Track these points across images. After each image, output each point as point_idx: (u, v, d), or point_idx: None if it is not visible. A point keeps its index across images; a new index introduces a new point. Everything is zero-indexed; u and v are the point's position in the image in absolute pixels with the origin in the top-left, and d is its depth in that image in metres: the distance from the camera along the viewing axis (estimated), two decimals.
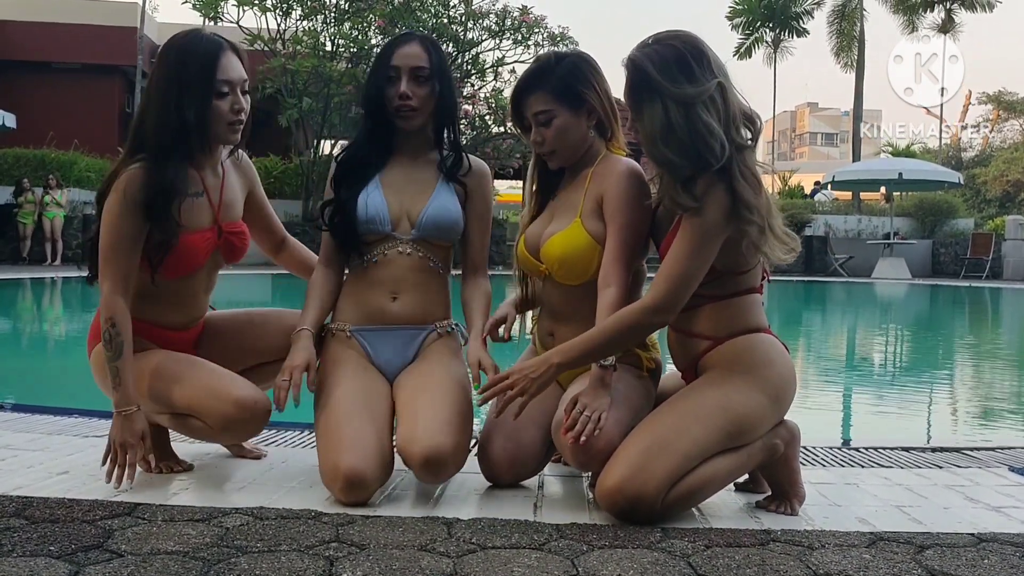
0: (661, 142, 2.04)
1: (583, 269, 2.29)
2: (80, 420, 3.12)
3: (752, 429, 2.10)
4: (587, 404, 2.07)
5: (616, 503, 2.00)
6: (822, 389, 5.69)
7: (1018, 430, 4.40)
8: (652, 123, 2.05)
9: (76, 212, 17.67)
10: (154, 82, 2.29)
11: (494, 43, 20.64)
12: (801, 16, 32.68)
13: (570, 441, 2.05)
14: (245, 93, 2.34)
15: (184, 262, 2.33)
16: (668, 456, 2.00)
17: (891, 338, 9.87)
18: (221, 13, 19.58)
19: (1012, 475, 2.58)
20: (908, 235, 22.41)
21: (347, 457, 2.09)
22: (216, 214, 2.40)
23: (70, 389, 5.13)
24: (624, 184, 2.26)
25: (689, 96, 2.02)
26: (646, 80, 2.05)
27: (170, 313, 2.43)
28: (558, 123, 2.31)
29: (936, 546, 1.89)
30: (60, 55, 23.89)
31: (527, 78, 2.36)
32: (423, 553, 1.76)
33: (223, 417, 2.19)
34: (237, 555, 1.72)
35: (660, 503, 1.99)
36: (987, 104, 44.16)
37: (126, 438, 2.19)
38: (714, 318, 2.18)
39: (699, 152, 2.02)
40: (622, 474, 1.99)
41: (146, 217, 2.24)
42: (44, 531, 1.83)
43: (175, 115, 2.23)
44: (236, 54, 2.33)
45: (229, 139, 2.36)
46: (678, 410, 2.10)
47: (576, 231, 2.29)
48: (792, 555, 1.81)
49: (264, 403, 2.23)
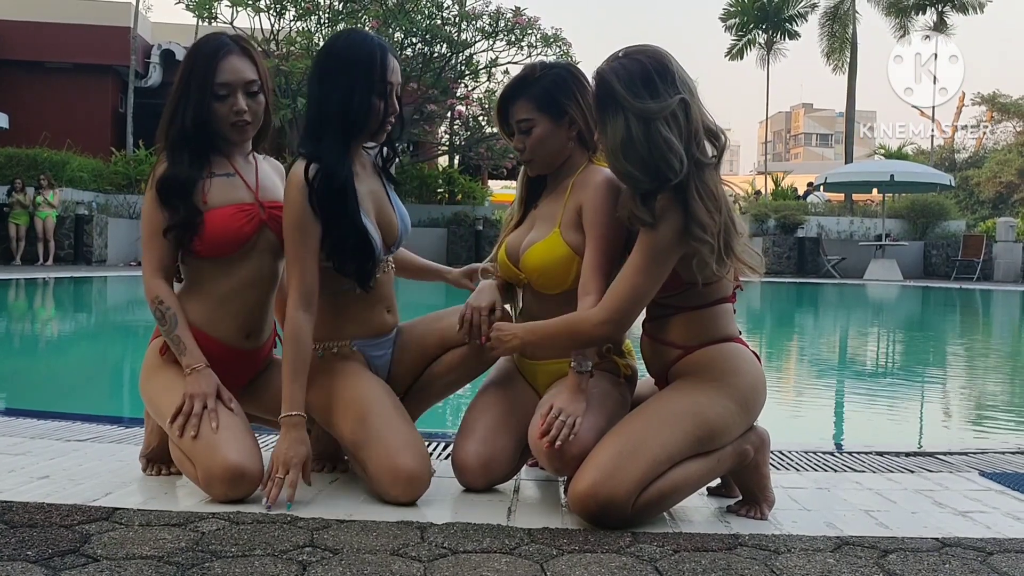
0: (622, 155, 2.07)
1: (561, 279, 2.32)
2: (63, 424, 3.15)
3: (721, 434, 2.14)
4: (563, 409, 2.11)
5: (588, 507, 2.03)
6: (801, 393, 5.72)
7: (991, 434, 4.44)
8: (614, 136, 2.08)
9: (68, 212, 17.64)
10: (174, 82, 2.41)
11: (487, 44, 20.68)
12: (794, 18, 32.78)
13: (545, 446, 2.09)
14: (253, 94, 2.38)
15: (225, 234, 2.34)
16: (638, 460, 2.03)
17: (877, 342, 9.90)
18: (215, 14, 19.58)
19: (982, 480, 2.62)
20: (900, 237, 22.51)
21: (407, 458, 2.19)
22: (255, 191, 2.43)
23: (56, 392, 5.15)
24: (602, 194, 2.28)
25: (650, 111, 2.04)
26: (610, 94, 2.08)
27: (231, 319, 2.40)
28: (537, 132, 2.35)
29: (899, 551, 1.92)
30: (53, 54, 23.87)
31: (511, 86, 2.41)
32: (395, 557, 1.79)
33: (208, 473, 2.16)
34: (211, 559, 1.75)
35: (631, 507, 2.02)
36: (981, 105, 44.29)
37: (201, 389, 2.25)
38: (685, 327, 2.21)
39: (658, 167, 2.05)
40: (593, 478, 2.02)
41: (163, 205, 2.33)
42: (22, 536, 1.86)
43: (180, 116, 2.36)
44: (247, 55, 2.39)
45: (234, 138, 2.41)
46: (648, 415, 2.13)
47: (555, 242, 2.32)
48: (758, 559, 1.84)
49: (253, 476, 2.17)
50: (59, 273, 14.56)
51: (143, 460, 2.49)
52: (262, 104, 2.42)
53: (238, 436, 2.22)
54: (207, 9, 19.38)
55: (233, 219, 2.35)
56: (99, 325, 9.77)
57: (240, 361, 2.46)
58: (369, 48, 2.28)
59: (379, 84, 2.28)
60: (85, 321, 10.28)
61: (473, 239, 21.45)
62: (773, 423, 2.33)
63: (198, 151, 2.37)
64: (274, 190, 2.48)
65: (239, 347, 2.44)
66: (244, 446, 2.20)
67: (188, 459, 2.22)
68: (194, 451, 2.19)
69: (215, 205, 2.36)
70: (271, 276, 2.46)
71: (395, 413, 2.30)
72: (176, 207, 2.33)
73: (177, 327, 2.32)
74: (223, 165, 2.42)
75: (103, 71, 24.59)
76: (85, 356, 7.04)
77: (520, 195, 2.54)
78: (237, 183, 2.42)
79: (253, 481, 2.18)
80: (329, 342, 2.40)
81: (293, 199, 2.25)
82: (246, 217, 2.37)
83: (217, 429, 2.20)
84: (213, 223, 2.33)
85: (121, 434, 3.01)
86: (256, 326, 2.47)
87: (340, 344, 2.41)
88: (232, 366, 2.42)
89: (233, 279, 2.39)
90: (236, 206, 2.38)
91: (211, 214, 2.34)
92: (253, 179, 2.46)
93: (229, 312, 2.41)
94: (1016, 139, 41.16)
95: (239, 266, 2.39)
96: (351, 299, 2.40)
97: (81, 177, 18.93)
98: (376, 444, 2.22)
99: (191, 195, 2.33)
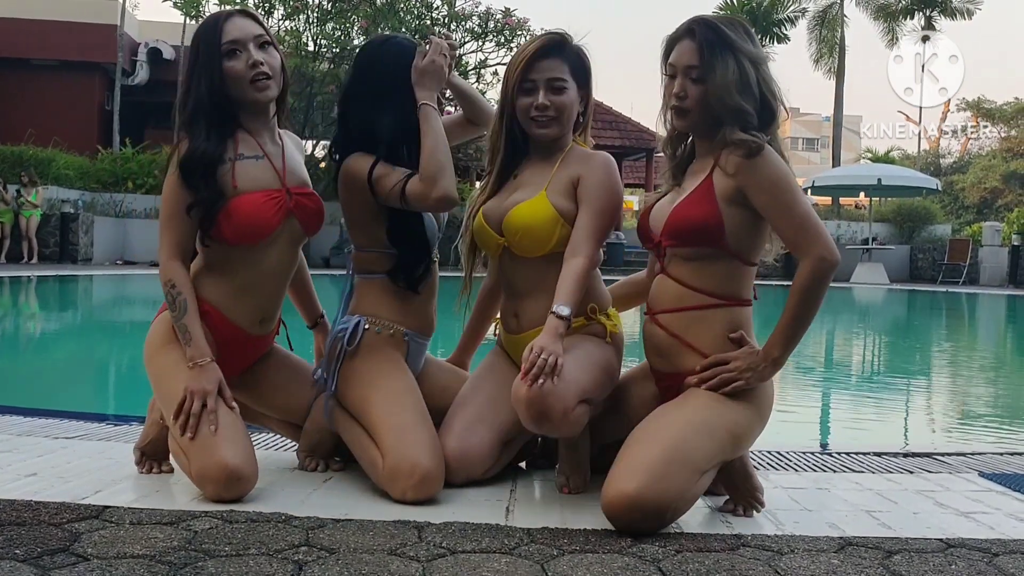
0: (737, 91, 2.13)
1: (544, 240, 2.34)
2: (51, 422, 3.09)
3: (743, 446, 2.16)
4: (543, 347, 2.07)
5: (632, 508, 1.93)
6: (797, 394, 5.71)
7: (989, 435, 4.44)
8: (726, 75, 2.13)
9: (54, 210, 17.48)
10: (185, 68, 2.39)
11: (477, 45, 20.66)
12: (783, 23, 32.82)
13: (529, 384, 2.04)
14: (264, 47, 2.33)
15: (253, 223, 2.30)
16: (686, 470, 2.00)
17: (867, 343, 9.94)
18: (202, 12, 19.48)
19: (982, 480, 2.60)
20: (886, 241, 22.59)
21: (428, 458, 2.18)
22: (282, 177, 2.39)
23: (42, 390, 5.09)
24: (606, 172, 2.37)
25: (759, 56, 2.18)
26: (720, 36, 2.15)
27: (248, 304, 2.38)
28: (570, 95, 2.40)
29: (904, 551, 1.90)
30: (39, 52, 23.68)
31: (548, 43, 2.39)
32: (392, 557, 1.75)
33: (202, 472, 2.12)
34: (204, 559, 1.70)
35: (670, 515, 1.99)
36: (966, 111, 44.55)
37: (202, 385, 2.20)
38: (713, 331, 2.19)
39: (765, 105, 2.16)
40: (643, 482, 1.94)
41: (186, 185, 2.27)
42: (10, 534, 1.81)
43: (194, 87, 2.31)
44: (250, 16, 2.37)
45: (258, 97, 2.34)
46: (694, 424, 2.07)
47: (541, 202, 2.35)
48: (761, 560, 1.82)
49: (248, 474, 2.14)
50: (44, 272, 14.43)
51: (137, 452, 2.42)
52: (278, 60, 2.36)
53: (236, 438, 2.18)
54: (195, 7, 19.29)
55: (264, 207, 2.31)
56: (85, 323, 9.68)
57: (249, 346, 2.43)
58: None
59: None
60: (71, 319, 10.19)
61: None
62: (772, 424, 2.30)
63: (219, 125, 2.31)
64: (299, 172, 2.46)
65: (252, 332, 2.42)
66: (241, 448, 2.16)
67: (184, 454, 2.18)
68: (191, 448, 2.15)
69: (245, 190, 2.30)
70: (291, 264, 2.45)
71: (426, 414, 2.34)
72: (198, 186, 2.26)
73: (187, 315, 2.26)
74: (251, 146, 2.37)
75: (90, 69, 24.40)
76: (71, 354, 6.97)
77: (498, 167, 2.49)
78: (265, 167, 2.37)
79: (248, 483, 2.14)
80: (389, 322, 2.43)
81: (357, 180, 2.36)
82: (275, 206, 2.33)
83: (216, 431, 2.15)
84: (242, 209, 2.28)
85: (109, 432, 2.96)
86: (271, 312, 2.46)
87: (397, 328, 2.44)
88: (241, 350, 2.38)
89: (256, 268, 2.36)
90: (265, 193, 2.32)
91: (240, 200, 2.28)
92: (280, 162, 2.41)
93: (249, 299, 2.38)
94: (1001, 145, 41.43)
95: (264, 254, 2.36)
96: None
97: (67, 175, 18.76)
98: (403, 435, 2.22)
99: (214, 172, 2.27)
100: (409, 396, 2.35)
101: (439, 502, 2.19)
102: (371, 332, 2.42)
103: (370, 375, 2.37)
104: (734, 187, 2.14)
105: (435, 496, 2.19)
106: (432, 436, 2.28)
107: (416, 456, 2.18)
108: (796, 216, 2.10)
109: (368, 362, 2.39)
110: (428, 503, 2.16)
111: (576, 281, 2.21)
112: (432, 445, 2.24)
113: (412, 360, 2.50)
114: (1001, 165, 38.15)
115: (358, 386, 2.36)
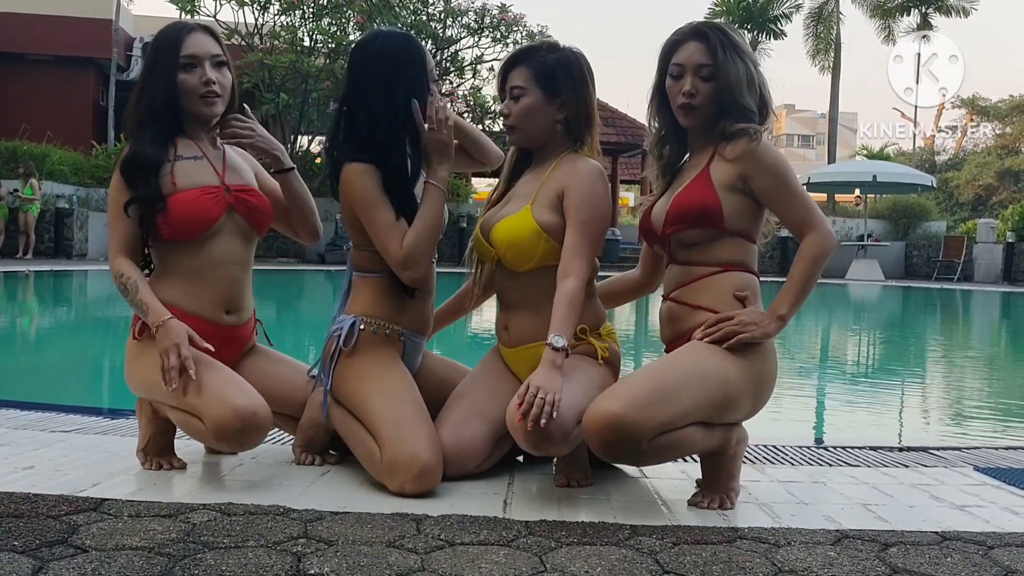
0: (746, 91, 2.23)
1: (528, 254, 2.36)
2: (47, 415, 3.09)
3: (732, 412, 2.17)
4: (540, 387, 2.08)
5: (611, 426, 1.99)
6: (793, 388, 5.73)
7: (984, 430, 4.46)
8: (737, 74, 2.22)
9: (49, 205, 17.43)
10: (141, 70, 2.44)
11: (473, 41, 20.65)
12: (779, 19, 32.84)
13: (529, 426, 2.06)
14: (219, 66, 2.41)
15: (192, 216, 2.35)
16: (670, 408, 2.04)
17: (862, 339, 9.96)
18: (198, 7, 19.44)
19: (977, 474, 2.61)
20: (882, 237, 22.62)
21: (428, 452, 2.19)
22: (221, 175, 2.44)
23: (38, 383, 5.09)
24: (591, 182, 2.35)
25: (756, 61, 2.30)
26: (730, 39, 2.25)
27: (206, 293, 2.40)
28: (526, 102, 2.41)
29: (900, 544, 1.91)
30: (34, 47, 23.58)
31: (517, 52, 2.48)
32: (391, 549, 1.76)
33: (219, 422, 2.15)
34: (203, 551, 1.71)
35: (646, 445, 2.02)
36: (961, 108, 44.61)
37: (171, 341, 2.22)
38: (721, 292, 2.25)
39: (764, 106, 2.28)
40: (627, 404, 2.00)
41: (127, 185, 2.34)
42: (8, 526, 1.81)
43: (148, 95, 2.39)
44: (210, 34, 2.43)
45: (205, 112, 2.42)
46: (687, 369, 2.12)
47: (524, 217, 2.36)
48: (758, 552, 1.83)
49: (264, 416, 2.19)
50: (40, 267, 14.40)
51: (141, 455, 2.42)
52: (230, 80, 2.45)
53: (240, 383, 2.25)
54: (190, 2, 19.24)
55: (198, 201, 2.36)
56: (81, 318, 9.67)
57: (223, 337, 2.42)
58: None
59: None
60: (68, 314, 10.18)
61: (457, 236, 21.35)
62: (767, 417, 2.31)
63: (162, 130, 2.39)
64: (243, 174, 2.51)
65: (220, 322, 2.43)
66: (248, 391, 2.23)
67: (195, 416, 2.20)
68: (200, 405, 2.18)
69: (182, 188, 2.36)
70: (242, 257, 2.48)
71: (423, 407, 2.35)
72: (138, 185, 2.34)
73: (139, 292, 2.31)
74: (191, 149, 2.43)
75: (84, 64, 24.30)
76: (69, 348, 6.96)
77: (505, 173, 2.57)
78: (204, 166, 2.43)
79: (265, 423, 2.19)
80: (384, 322, 2.44)
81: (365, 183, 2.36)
82: (212, 199, 2.39)
83: (194, 375, 2.19)
84: (178, 205, 2.34)
85: (106, 425, 2.96)
86: (235, 304, 2.47)
87: (392, 327, 2.44)
88: (216, 343, 2.37)
89: (200, 258, 2.40)
90: (201, 188, 2.39)
91: (176, 196, 2.35)
92: (220, 164, 2.47)
93: (201, 287, 2.40)
94: (995, 142, 41.50)
95: (206, 247, 2.40)
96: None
97: (62, 171, 18.70)
98: (402, 429, 2.23)
99: (154, 173, 2.34)
100: (406, 390, 2.36)
101: (437, 495, 2.19)
102: (367, 332, 2.42)
103: (366, 371, 2.37)
104: (736, 174, 2.22)
105: (433, 489, 2.20)
106: (430, 429, 2.29)
107: (415, 449, 2.19)
108: (800, 196, 2.24)
109: (364, 359, 2.40)
110: (426, 496, 2.17)
111: (568, 306, 2.23)
112: (431, 438, 2.25)
113: (408, 359, 2.51)
114: (996, 162, 38.22)
115: (354, 381, 2.37)
